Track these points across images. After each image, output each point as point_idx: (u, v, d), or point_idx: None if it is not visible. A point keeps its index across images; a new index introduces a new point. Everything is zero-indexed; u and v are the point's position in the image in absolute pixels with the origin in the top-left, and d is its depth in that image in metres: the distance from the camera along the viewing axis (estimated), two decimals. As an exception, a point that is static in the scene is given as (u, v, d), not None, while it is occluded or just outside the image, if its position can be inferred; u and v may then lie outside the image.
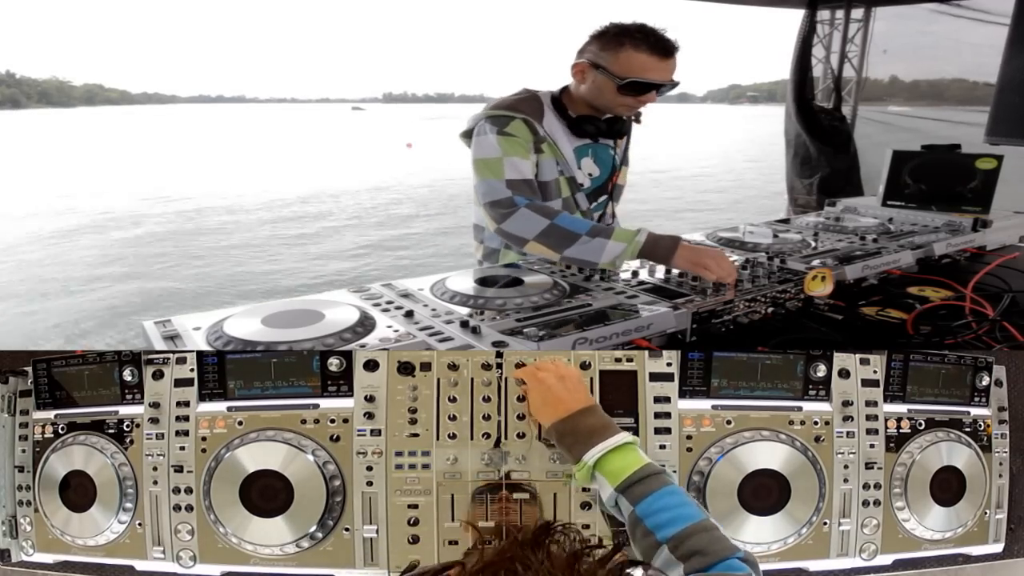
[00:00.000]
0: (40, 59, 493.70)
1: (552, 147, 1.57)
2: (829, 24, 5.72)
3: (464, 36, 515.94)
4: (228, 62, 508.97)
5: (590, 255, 1.33)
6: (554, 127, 1.59)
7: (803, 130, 5.45)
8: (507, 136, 1.49)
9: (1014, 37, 3.02)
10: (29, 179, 14.93)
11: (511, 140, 1.49)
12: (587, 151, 1.68)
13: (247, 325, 1.01)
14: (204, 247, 8.20)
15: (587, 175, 1.69)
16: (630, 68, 1.47)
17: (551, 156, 1.56)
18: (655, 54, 1.46)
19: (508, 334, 1.00)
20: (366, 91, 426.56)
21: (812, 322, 1.23)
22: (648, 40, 1.46)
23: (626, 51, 1.47)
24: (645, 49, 1.46)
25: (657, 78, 1.49)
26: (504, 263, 1.73)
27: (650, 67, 1.47)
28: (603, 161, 1.71)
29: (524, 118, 1.53)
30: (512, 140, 1.49)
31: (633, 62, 1.47)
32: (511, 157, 1.48)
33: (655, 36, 1.47)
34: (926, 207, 1.97)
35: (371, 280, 1.33)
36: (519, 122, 1.52)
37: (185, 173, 15.90)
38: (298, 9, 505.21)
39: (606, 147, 1.71)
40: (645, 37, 1.46)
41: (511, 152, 1.48)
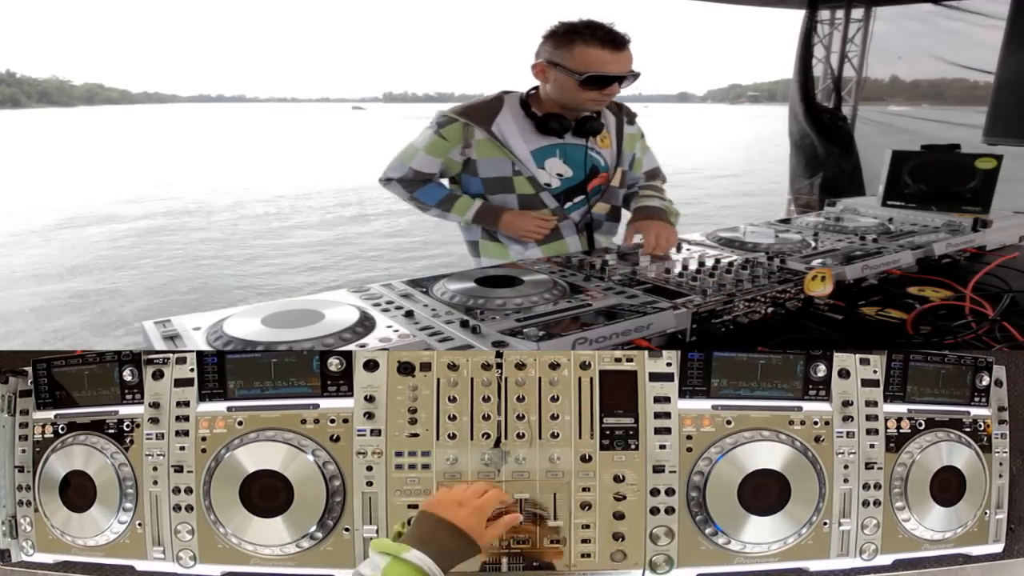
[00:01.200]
0: (40, 58, 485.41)
1: (496, 146, 1.66)
2: (829, 24, 5.73)
3: (464, 36, 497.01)
4: (228, 62, 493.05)
5: (446, 219, 1.76)
6: (508, 128, 1.66)
7: (811, 130, 5.46)
8: (438, 137, 1.68)
9: (1011, 38, 3.02)
10: (28, 179, 14.93)
11: (437, 140, 1.69)
12: (553, 151, 1.71)
13: (247, 325, 1.01)
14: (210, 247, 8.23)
15: (555, 175, 1.72)
16: (586, 63, 1.52)
17: (494, 155, 1.67)
18: (607, 47, 1.52)
19: (508, 334, 1.00)
20: (366, 91, 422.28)
21: (812, 322, 1.23)
22: (597, 35, 1.51)
23: (579, 47, 1.52)
24: (596, 44, 1.51)
25: (615, 70, 1.55)
26: (484, 255, 1.78)
27: (605, 60, 1.52)
28: (575, 161, 1.72)
29: (464, 122, 1.66)
30: (437, 140, 1.68)
31: (588, 57, 1.52)
32: (426, 154, 1.70)
33: (604, 30, 1.52)
34: (926, 207, 1.97)
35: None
36: (456, 126, 1.67)
37: (189, 171, 15.92)
38: (298, 9, 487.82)
39: (579, 147, 1.72)
40: (594, 32, 1.51)
41: (429, 151, 1.70)
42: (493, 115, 1.67)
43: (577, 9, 1.78)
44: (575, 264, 1.43)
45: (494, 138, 1.66)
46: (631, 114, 1.87)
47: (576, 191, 1.76)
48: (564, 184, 1.74)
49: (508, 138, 1.66)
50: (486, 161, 1.68)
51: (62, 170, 16.56)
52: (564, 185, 1.74)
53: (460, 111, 1.68)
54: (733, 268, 1.32)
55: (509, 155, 1.66)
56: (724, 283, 1.25)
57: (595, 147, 1.76)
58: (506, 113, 1.67)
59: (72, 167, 17.31)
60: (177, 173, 15.77)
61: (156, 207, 10.92)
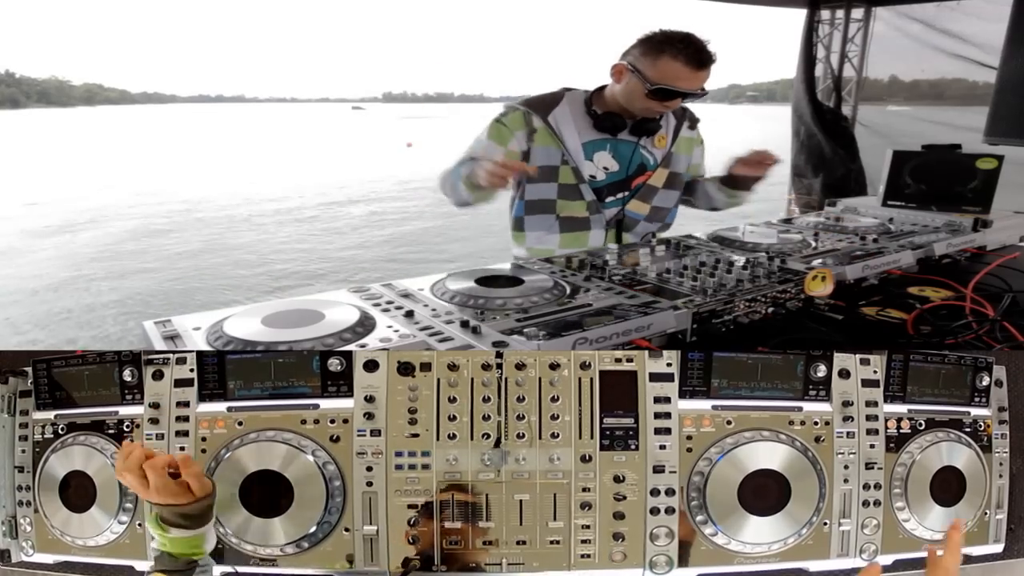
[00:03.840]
0: (40, 59, 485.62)
1: (550, 135, 1.71)
2: (829, 24, 5.72)
3: (464, 36, 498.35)
4: (228, 62, 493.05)
5: (460, 189, 1.68)
6: (564, 119, 1.72)
7: (818, 130, 5.46)
8: (498, 124, 1.74)
9: (1012, 37, 3.03)
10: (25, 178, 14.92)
11: (498, 127, 1.74)
12: (604, 145, 1.76)
13: (247, 325, 1.01)
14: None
15: (601, 168, 1.77)
16: (663, 75, 1.57)
17: (547, 144, 1.71)
18: (690, 64, 1.56)
19: (508, 334, 1.00)
20: (366, 91, 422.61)
21: (812, 322, 1.23)
22: (688, 51, 1.55)
23: (664, 59, 1.56)
24: (683, 59, 1.55)
25: (686, 87, 1.60)
26: (515, 243, 1.85)
27: (683, 76, 1.56)
28: (623, 157, 1.76)
29: (524, 111, 1.73)
30: (498, 128, 1.73)
31: (668, 70, 1.56)
32: (489, 141, 1.73)
33: (695, 47, 1.55)
34: (926, 207, 1.97)
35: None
36: (517, 114, 1.73)
37: (193, 172, 15.92)
38: (298, 9, 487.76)
39: (630, 144, 1.76)
40: (686, 47, 1.55)
41: (492, 137, 1.74)
42: (551, 107, 1.73)
43: (577, 9, 1.80)
44: (575, 264, 1.43)
45: (549, 128, 1.72)
46: (694, 119, 1.92)
47: (619, 187, 1.78)
48: (609, 178, 1.78)
49: (562, 128, 1.72)
50: (540, 149, 1.72)
51: (61, 170, 16.54)
52: (609, 179, 1.78)
53: (523, 102, 1.75)
54: (733, 268, 1.32)
55: (560, 145, 1.72)
56: (724, 283, 1.25)
57: (648, 146, 1.82)
58: (564, 106, 1.73)
59: (71, 167, 17.29)
60: (175, 174, 15.77)
61: (159, 209, 10.94)
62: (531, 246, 1.81)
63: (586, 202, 1.75)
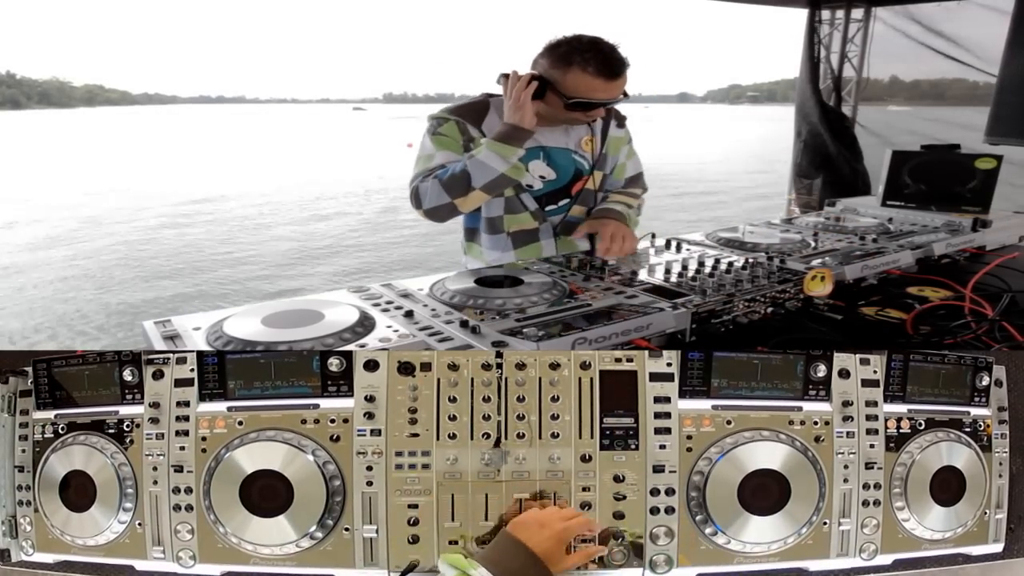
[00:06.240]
0: (40, 59, 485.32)
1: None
2: (829, 24, 5.72)
3: (464, 36, 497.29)
4: (229, 63, 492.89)
5: (469, 177, 1.51)
6: (495, 129, 1.59)
7: (823, 129, 5.46)
8: (439, 136, 1.64)
9: (1013, 38, 3.03)
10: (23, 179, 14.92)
11: (440, 139, 1.64)
12: (537, 154, 1.69)
13: (247, 325, 1.01)
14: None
15: (537, 177, 1.70)
16: (576, 89, 1.50)
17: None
18: (601, 75, 1.49)
19: (508, 334, 1.00)
20: (366, 91, 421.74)
21: (812, 322, 1.23)
22: (596, 62, 1.48)
23: (573, 72, 1.49)
24: (592, 70, 1.48)
25: (603, 98, 1.52)
26: (468, 255, 1.76)
27: (597, 88, 1.50)
28: (559, 165, 1.71)
29: (457, 120, 1.64)
30: (441, 139, 1.63)
31: (580, 83, 1.49)
32: (443, 151, 1.62)
33: (602, 57, 1.48)
34: (926, 207, 1.98)
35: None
36: (451, 124, 1.64)
37: (197, 172, 15.92)
38: (298, 9, 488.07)
39: (563, 150, 1.70)
40: (594, 57, 1.48)
41: (440, 147, 1.63)
42: (482, 115, 1.66)
43: (575, 9, 1.77)
44: (575, 265, 1.43)
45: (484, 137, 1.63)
46: (620, 117, 1.86)
47: (558, 194, 1.75)
48: (547, 187, 1.72)
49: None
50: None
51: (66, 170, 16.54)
52: (547, 187, 1.72)
53: (452, 110, 1.67)
54: (733, 268, 1.33)
55: None
56: (724, 283, 1.25)
57: (579, 150, 1.74)
58: (493, 115, 1.66)
59: (74, 167, 17.29)
60: (176, 174, 15.78)
61: (165, 210, 10.93)
62: (489, 262, 1.75)
63: (530, 212, 1.70)
